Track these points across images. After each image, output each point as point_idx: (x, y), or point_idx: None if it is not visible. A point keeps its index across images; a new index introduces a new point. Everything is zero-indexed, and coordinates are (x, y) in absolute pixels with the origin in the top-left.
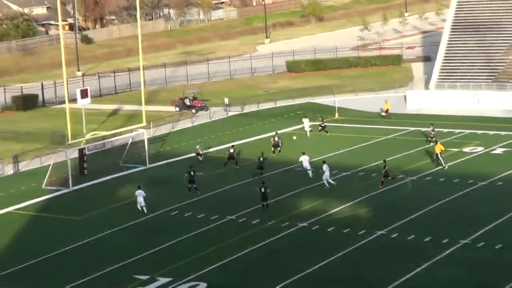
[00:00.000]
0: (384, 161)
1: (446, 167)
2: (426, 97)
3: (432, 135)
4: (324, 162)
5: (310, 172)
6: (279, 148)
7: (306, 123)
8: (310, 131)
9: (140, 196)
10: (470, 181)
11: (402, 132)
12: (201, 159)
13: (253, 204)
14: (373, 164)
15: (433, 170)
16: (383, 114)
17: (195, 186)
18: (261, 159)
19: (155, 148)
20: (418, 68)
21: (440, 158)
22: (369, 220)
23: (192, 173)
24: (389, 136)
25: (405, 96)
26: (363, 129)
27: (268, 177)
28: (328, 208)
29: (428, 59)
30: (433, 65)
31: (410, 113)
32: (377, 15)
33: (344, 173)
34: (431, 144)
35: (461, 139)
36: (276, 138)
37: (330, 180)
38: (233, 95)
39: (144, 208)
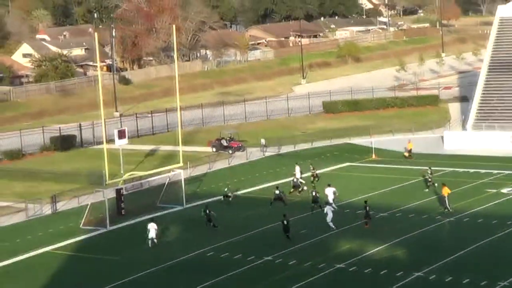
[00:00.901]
0: (365, 202)
1: (451, 210)
2: (464, 138)
3: (430, 179)
4: (326, 203)
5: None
6: (299, 189)
7: (298, 171)
8: (300, 182)
9: (152, 229)
10: (509, 222)
11: (439, 173)
12: (231, 199)
13: (291, 245)
14: (411, 205)
15: (471, 211)
16: (406, 154)
17: (211, 224)
18: (313, 193)
19: (192, 188)
20: (455, 109)
21: (447, 201)
22: (406, 261)
23: (208, 211)
24: (426, 177)
25: (442, 137)
26: (400, 170)
27: (304, 218)
28: (365, 249)
29: (465, 99)
30: (470, 106)
31: (448, 154)
32: (414, 55)
33: (382, 214)
34: (428, 189)
35: (499, 180)
36: (295, 179)
37: (331, 224)
38: (270, 136)
39: (150, 241)
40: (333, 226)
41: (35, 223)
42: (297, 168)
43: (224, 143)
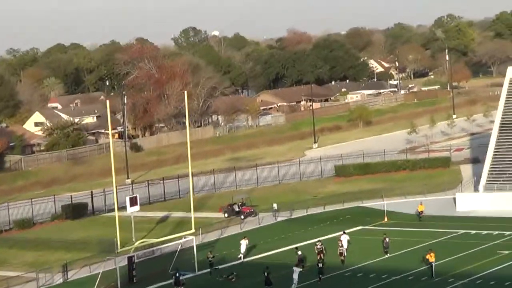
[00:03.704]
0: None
1: (434, 279)
2: (476, 199)
3: (386, 245)
4: (296, 265)
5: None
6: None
7: (244, 245)
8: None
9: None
10: None
11: (451, 235)
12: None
13: None
14: (424, 267)
15: (484, 273)
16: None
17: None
18: (299, 253)
19: (204, 254)
20: (467, 170)
21: (433, 268)
22: None
23: (178, 274)
24: (439, 239)
25: (454, 199)
26: (412, 233)
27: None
28: None
29: (477, 161)
30: (482, 167)
31: (460, 216)
32: (424, 118)
33: (394, 277)
34: (387, 255)
35: (511, 241)
36: (319, 245)
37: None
38: (282, 200)
39: None
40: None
41: None
42: (244, 242)
43: (236, 208)
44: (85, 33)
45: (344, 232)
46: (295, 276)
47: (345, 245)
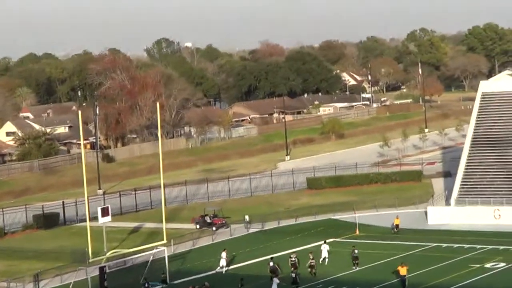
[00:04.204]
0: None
1: None
2: (447, 213)
3: (354, 257)
4: (275, 276)
5: (326, 260)
6: (296, 269)
7: (224, 257)
8: (222, 267)
9: None
10: None
11: (423, 248)
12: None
13: None
14: (395, 280)
15: (455, 286)
16: (395, 230)
17: None
18: (271, 263)
19: (176, 265)
20: (438, 184)
21: (406, 282)
22: None
23: (147, 285)
24: (411, 252)
25: (426, 212)
26: (384, 245)
27: None
28: None
29: (448, 174)
30: (453, 181)
31: (431, 229)
32: (397, 131)
33: None
34: (356, 268)
35: (482, 254)
36: (293, 258)
37: None
38: (254, 212)
39: None
40: None
41: None
42: (224, 254)
43: (208, 220)
44: (58, 43)
45: (325, 242)
46: (325, 254)
47: (326, 254)
